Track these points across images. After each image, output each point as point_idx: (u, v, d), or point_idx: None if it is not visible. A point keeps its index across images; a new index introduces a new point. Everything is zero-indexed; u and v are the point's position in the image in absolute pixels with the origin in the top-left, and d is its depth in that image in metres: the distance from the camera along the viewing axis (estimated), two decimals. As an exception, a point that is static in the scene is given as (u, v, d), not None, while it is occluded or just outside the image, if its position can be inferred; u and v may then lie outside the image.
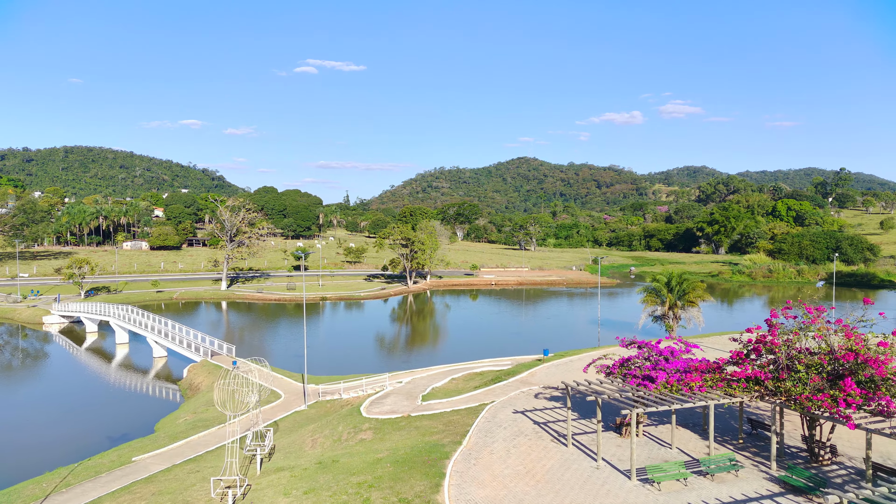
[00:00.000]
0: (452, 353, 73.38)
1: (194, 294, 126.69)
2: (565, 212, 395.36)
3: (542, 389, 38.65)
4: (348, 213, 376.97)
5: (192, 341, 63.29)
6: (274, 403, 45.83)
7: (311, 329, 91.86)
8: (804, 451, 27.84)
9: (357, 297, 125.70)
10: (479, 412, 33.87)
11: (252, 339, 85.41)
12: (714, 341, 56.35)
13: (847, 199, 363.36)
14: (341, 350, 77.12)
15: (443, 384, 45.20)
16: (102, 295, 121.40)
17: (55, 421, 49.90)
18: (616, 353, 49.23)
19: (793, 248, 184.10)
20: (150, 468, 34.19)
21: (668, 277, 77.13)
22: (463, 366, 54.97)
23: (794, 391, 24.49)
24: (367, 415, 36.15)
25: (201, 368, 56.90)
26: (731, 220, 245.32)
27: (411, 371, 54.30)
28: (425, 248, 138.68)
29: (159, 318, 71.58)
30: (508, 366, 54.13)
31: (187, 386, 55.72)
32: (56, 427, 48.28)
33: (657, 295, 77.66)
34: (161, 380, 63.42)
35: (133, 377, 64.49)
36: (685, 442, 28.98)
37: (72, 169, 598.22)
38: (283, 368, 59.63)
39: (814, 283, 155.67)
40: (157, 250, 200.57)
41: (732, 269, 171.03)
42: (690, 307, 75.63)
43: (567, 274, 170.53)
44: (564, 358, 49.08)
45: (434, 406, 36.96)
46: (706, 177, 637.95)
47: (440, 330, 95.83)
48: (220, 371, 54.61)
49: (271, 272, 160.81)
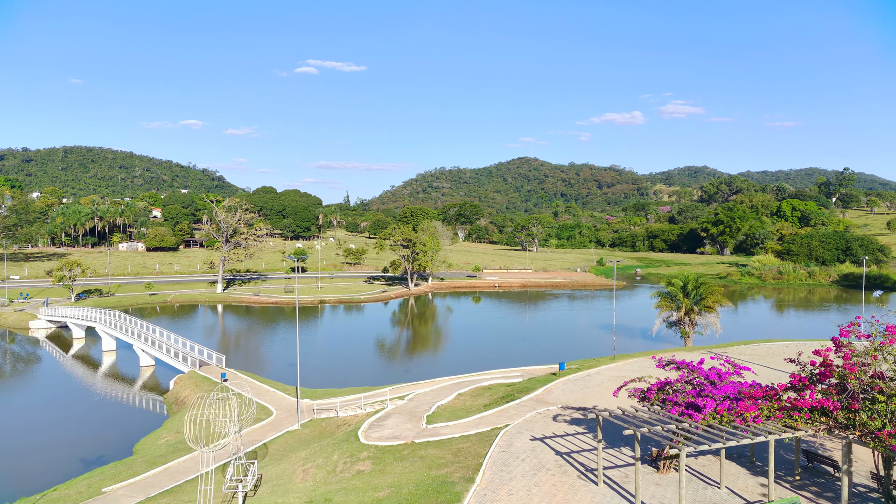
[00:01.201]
0: (457, 362, 69.47)
1: (189, 297, 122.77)
2: (567, 212, 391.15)
3: (561, 411, 34.69)
4: (348, 214, 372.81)
5: (180, 350, 59.40)
6: (264, 422, 41.91)
7: (308, 334, 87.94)
8: (873, 490, 23.93)
9: (357, 299, 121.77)
10: (492, 439, 29.91)
11: (246, 347, 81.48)
12: (739, 352, 52.35)
13: (851, 200, 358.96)
14: (339, 358, 73.16)
15: (449, 401, 41.25)
16: (94, 298, 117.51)
17: (28, 437, 46.02)
18: (636, 366, 45.20)
19: (802, 249, 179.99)
20: (121, 502, 30.31)
21: (683, 281, 73.18)
22: (469, 378, 51.04)
23: (871, 425, 20.59)
24: (365, 440, 32.18)
25: (188, 380, 52.95)
26: (737, 221, 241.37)
27: (413, 384, 50.37)
28: (427, 249, 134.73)
29: (146, 324, 67.66)
30: (519, 378, 50.19)
31: (173, 399, 51.78)
32: (28, 444, 44.41)
33: (672, 300, 73.74)
34: (147, 391, 59.54)
35: (117, 388, 60.61)
36: (734, 479, 25.04)
37: (71, 169, 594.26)
38: (276, 380, 55.70)
39: (826, 285, 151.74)
40: (153, 251, 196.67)
41: (741, 271, 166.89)
42: (708, 313, 71.68)
43: (572, 276, 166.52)
44: (581, 372, 45.03)
45: (440, 430, 32.98)
46: (707, 177, 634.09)
47: (443, 336, 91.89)
48: (208, 384, 50.72)
49: (269, 274, 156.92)
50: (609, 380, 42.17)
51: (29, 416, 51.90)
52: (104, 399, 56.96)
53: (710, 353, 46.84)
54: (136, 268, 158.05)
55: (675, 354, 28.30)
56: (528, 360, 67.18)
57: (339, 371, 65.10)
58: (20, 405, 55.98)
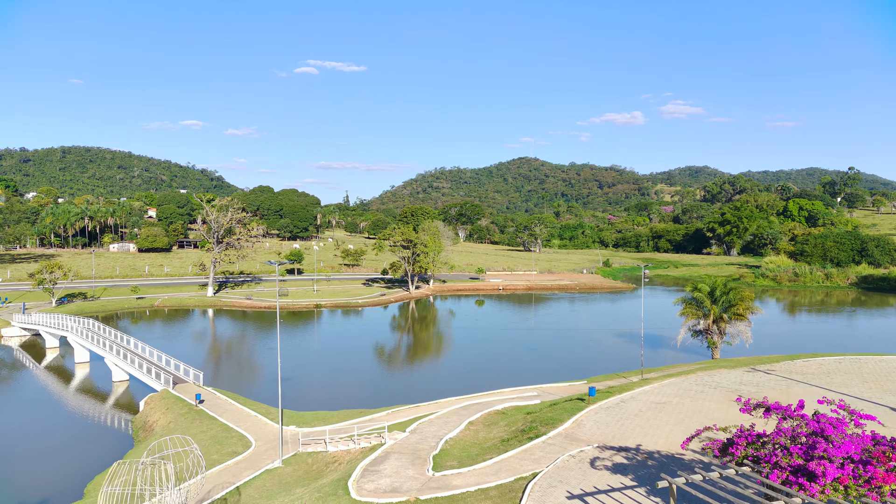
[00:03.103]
0: (463, 377, 63.12)
1: (177, 301, 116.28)
2: (569, 212, 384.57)
3: (599, 452, 28.31)
4: (347, 214, 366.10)
5: (156, 365, 53.05)
6: (240, 456, 35.53)
7: (300, 343, 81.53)
8: None
9: (354, 304, 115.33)
10: (518, 495, 23.58)
11: (231, 358, 75.01)
12: (787, 369, 45.94)
13: (856, 199, 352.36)
14: (333, 373, 66.70)
15: (458, 433, 34.87)
16: (77, 302, 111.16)
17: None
18: (674, 388, 38.40)
19: (816, 249, 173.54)
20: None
21: (711, 285, 66.75)
22: (479, 400, 44.74)
23: None
24: (357, 495, 25.74)
25: (160, 401, 46.50)
26: (744, 221, 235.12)
27: (415, 406, 44.05)
28: (428, 250, 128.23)
29: (120, 335, 61.27)
30: (536, 399, 43.89)
31: (141, 424, 45.32)
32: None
33: (698, 306, 67.40)
34: (119, 409, 53.20)
35: (86, 406, 54.24)
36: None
37: (69, 169, 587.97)
38: (261, 401, 49.26)
39: (845, 288, 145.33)
40: (145, 252, 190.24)
41: (755, 273, 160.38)
42: (738, 321, 65.32)
43: (578, 278, 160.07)
44: (613, 398, 38.56)
45: (451, 481, 26.57)
46: (708, 177, 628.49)
47: (446, 345, 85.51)
48: (180, 406, 44.32)
49: (264, 276, 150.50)
50: (648, 407, 35.84)
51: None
52: (69, 419, 50.62)
53: (785, 378, 40.49)
54: (125, 270, 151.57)
55: (765, 397, 21.93)
56: (542, 374, 60.86)
57: (333, 388, 58.74)
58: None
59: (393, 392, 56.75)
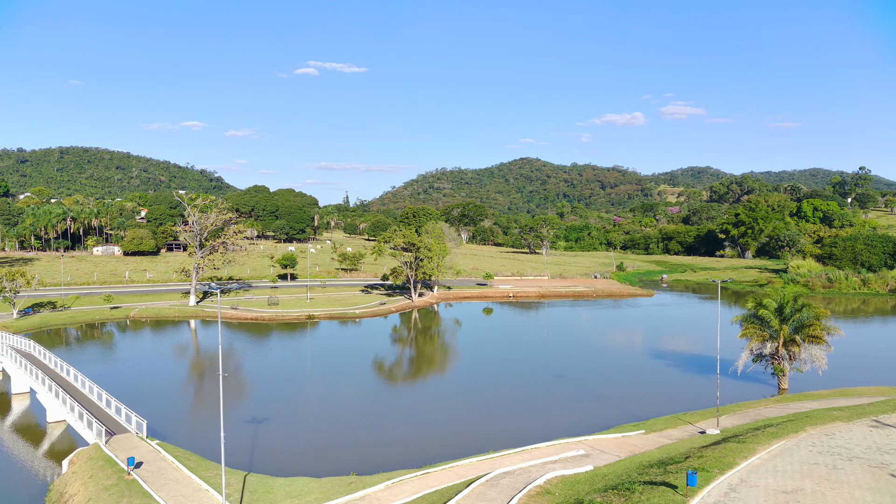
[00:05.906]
0: (480, 415, 51.76)
1: (155, 311, 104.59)
2: (573, 213, 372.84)
3: None
4: (347, 215, 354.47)
5: (90, 407, 41.53)
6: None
7: (286, 366, 70.03)
8: None
9: (351, 314, 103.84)
10: None
11: (200, 388, 63.25)
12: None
13: (868, 200, 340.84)
14: (319, 414, 55.20)
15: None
16: (45, 313, 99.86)
17: None
18: (803, 455, 26.16)
19: (846, 253, 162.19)
20: None
21: (779, 301, 55.27)
22: (507, 461, 33.50)
23: None
24: None
25: (86, 463, 34.90)
26: (759, 222, 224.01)
27: (424, 474, 32.79)
28: (432, 254, 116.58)
29: (60, 362, 49.83)
30: (586, 461, 32.66)
31: (57, 497, 33.78)
32: None
33: (764, 325, 56.14)
34: (51, 459, 41.90)
35: (11, 453, 42.92)
36: None
37: (67, 170, 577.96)
38: (227, 455, 37.62)
39: (884, 295, 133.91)
40: (131, 256, 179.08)
41: (783, 278, 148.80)
42: (814, 344, 53.98)
43: (593, 283, 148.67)
44: (716, 482, 26.90)
45: None
46: (711, 177, 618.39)
47: (456, 367, 74.02)
48: (105, 474, 32.79)
49: (254, 282, 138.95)
50: (772, 496, 24.43)
51: None
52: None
53: None
54: (105, 275, 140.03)
55: None
56: (578, 411, 49.65)
57: (320, 434, 47.28)
58: None
59: (394, 440, 45.35)
